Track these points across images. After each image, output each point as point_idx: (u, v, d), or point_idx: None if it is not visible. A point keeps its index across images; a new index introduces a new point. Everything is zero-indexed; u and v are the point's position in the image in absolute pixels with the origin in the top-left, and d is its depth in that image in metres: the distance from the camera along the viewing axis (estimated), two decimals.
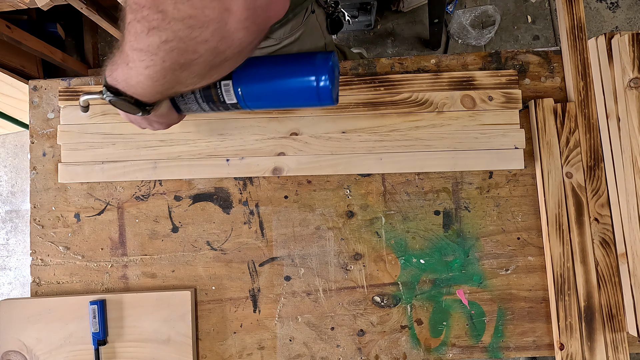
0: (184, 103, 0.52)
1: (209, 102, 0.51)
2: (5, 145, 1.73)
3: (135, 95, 0.42)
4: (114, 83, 0.42)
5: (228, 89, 0.49)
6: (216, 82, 0.49)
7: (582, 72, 0.66)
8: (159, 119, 0.50)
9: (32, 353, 0.66)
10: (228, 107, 0.52)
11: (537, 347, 0.66)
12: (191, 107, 0.52)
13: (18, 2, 1.09)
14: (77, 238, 0.70)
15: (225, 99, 0.50)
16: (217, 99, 0.50)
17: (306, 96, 0.49)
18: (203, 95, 0.50)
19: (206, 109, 0.52)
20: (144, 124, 0.52)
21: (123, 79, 0.41)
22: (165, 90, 0.41)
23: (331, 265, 0.68)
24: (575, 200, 0.64)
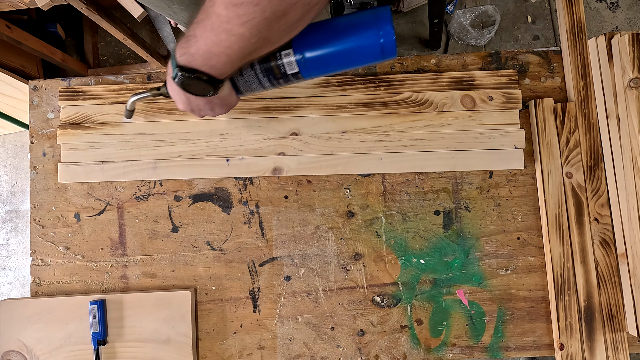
0: (243, 82, 0.51)
1: (269, 76, 0.50)
2: (5, 145, 1.73)
3: (213, 69, 0.43)
4: (189, 60, 0.42)
5: (289, 58, 0.49)
6: (276, 54, 0.49)
7: (582, 72, 0.66)
8: (221, 101, 0.51)
9: (32, 353, 0.66)
10: (288, 78, 0.51)
11: (537, 347, 0.66)
12: (251, 85, 0.52)
13: (18, 2, 1.09)
14: (77, 238, 0.70)
15: (286, 69, 0.50)
16: (277, 71, 0.50)
17: (371, 53, 0.49)
18: (264, 69, 0.50)
19: (266, 84, 0.52)
20: (205, 110, 0.52)
21: (204, 50, 0.41)
22: (249, 54, 0.41)
23: (331, 265, 0.68)
24: (575, 200, 0.64)
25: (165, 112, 0.69)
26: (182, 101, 0.50)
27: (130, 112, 0.59)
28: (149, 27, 1.69)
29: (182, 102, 0.51)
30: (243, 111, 0.69)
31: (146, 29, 1.70)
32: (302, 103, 0.68)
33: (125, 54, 1.71)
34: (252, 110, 0.69)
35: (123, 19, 1.38)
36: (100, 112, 0.70)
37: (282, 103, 0.69)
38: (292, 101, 0.68)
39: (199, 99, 0.49)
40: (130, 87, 0.70)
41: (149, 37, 1.70)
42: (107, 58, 1.72)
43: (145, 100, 0.70)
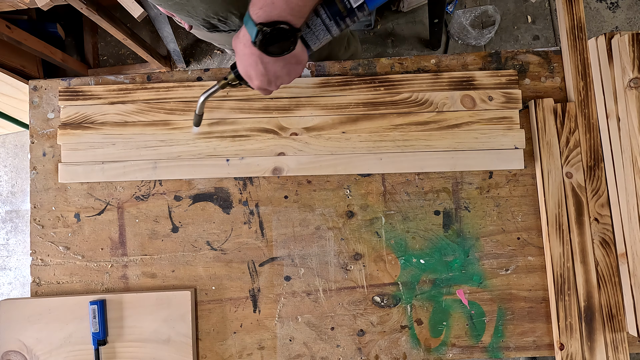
0: (311, 34, 0.52)
1: (335, 17, 0.51)
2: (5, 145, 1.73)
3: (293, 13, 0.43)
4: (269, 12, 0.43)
5: None
6: None
7: (582, 72, 0.66)
8: (297, 59, 0.51)
9: (32, 353, 0.66)
10: (354, 14, 0.52)
11: (537, 347, 0.66)
12: (319, 36, 0.53)
13: (18, 2, 1.09)
14: (77, 238, 0.70)
15: (351, 3, 0.51)
16: (343, 8, 0.51)
17: None
18: (330, 12, 0.51)
19: (333, 29, 0.53)
20: (283, 74, 0.52)
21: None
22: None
23: (331, 265, 0.68)
24: (575, 200, 0.64)
25: (165, 112, 0.69)
26: (259, 73, 0.50)
27: (199, 117, 0.60)
28: (149, 27, 1.69)
29: (259, 75, 0.50)
30: (243, 111, 0.69)
31: (146, 29, 1.70)
32: (302, 103, 0.68)
33: (125, 54, 1.71)
34: (252, 110, 0.69)
35: (123, 19, 1.38)
36: (100, 112, 0.70)
37: (282, 103, 0.69)
38: (292, 101, 0.68)
39: (277, 62, 0.49)
40: (131, 87, 0.70)
41: (149, 37, 1.70)
42: (107, 58, 1.72)
43: (146, 101, 0.70)
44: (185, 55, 1.68)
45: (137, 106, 0.69)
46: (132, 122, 0.69)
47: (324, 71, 0.71)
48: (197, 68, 1.30)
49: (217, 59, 1.69)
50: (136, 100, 0.70)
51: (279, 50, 0.47)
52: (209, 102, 0.69)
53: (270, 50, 0.47)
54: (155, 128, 0.69)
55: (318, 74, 0.71)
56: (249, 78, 0.52)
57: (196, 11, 0.58)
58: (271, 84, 0.53)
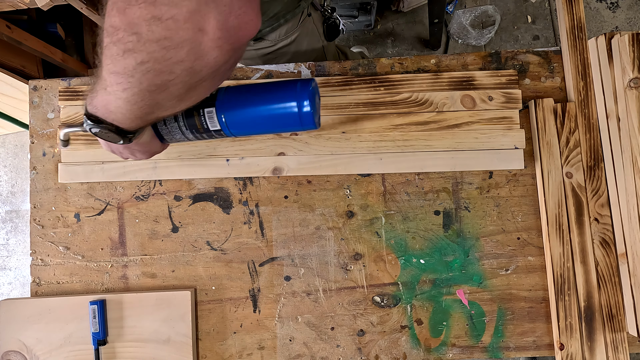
0: (167, 132, 0.52)
1: (192, 130, 0.51)
2: (5, 145, 1.73)
3: (116, 122, 0.42)
4: (94, 111, 0.42)
5: (212, 116, 0.50)
6: (200, 110, 0.50)
7: (582, 72, 0.66)
8: (141, 148, 0.50)
9: (32, 353, 0.66)
10: (212, 134, 0.52)
11: (537, 347, 0.66)
12: (175, 136, 0.53)
13: (18, 2, 1.09)
14: (77, 238, 0.70)
15: (209, 126, 0.51)
16: (200, 126, 0.51)
17: (289, 122, 0.50)
18: (187, 123, 0.51)
19: (190, 137, 0.53)
20: (125, 154, 0.51)
21: (102, 105, 0.40)
22: (145, 114, 0.40)
23: (331, 265, 0.68)
24: (575, 200, 0.64)
25: None
26: (103, 143, 0.49)
27: (65, 142, 0.57)
28: None
29: (103, 144, 0.49)
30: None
31: None
32: None
33: None
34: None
35: None
36: None
37: None
38: None
39: (115, 145, 0.47)
40: None
41: None
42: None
43: None
44: None
45: None
46: None
47: (324, 71, 0.71)
48: None
49: None
50: None
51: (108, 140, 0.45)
52: None
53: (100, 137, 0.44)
54: None
55: (318, 74, 0.71)
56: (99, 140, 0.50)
57: None
58: (118, 154, 0.52)
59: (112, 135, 0.43)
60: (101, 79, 0.38)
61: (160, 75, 0.34)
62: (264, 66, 0.71)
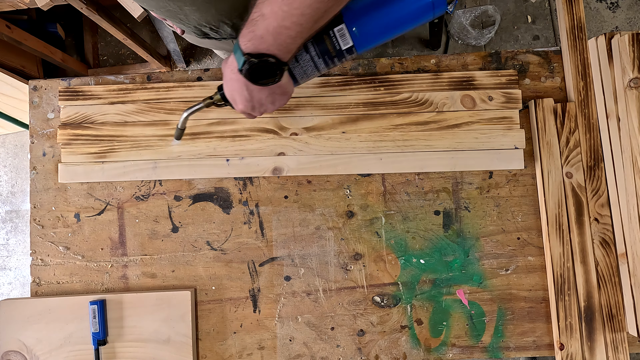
0: (300, 68, 0.53)
1: (324, 56, 0.52)
2: (5, 145, 1.73)
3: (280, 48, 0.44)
4: (257, 44, 0.44)
5: (342, 32, 0.50)
6: (329, 32, 0.50)
7: (582, 72, 0.66)
8: (282, 90, 0.51)
9: (32, 353, 0.66)
10: (343, 55, 0.52)
11: (537, 347, 0.66)
12: (307, 71, 0.53)
13: (18, 2, 1.09)
14: (77, 238, 0.70)
15: (341, 45, 0.51)
16: (332, 48, 0.51)
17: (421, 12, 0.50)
18: (318, 50, 0.51)
19: (321, 66, 0.53)
20: (267, 102, 0.52)
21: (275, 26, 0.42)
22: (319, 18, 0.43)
23: (331, 265, 0.68)
24: (575, 200, 0.64)
25: (165, 112, 0.69)
26: (244, 98, 0.51)
27: (181, 131, 0.59)
28: (149, 27, 1.69)
29: (243, 100, 0.51)
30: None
31: (146, 29, 1.70)
32: (302, 103, 0.68)
33: (125, 54, 1.71)
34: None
35: (123, 19, 1.38)
36: (100, 112, 0.70)
37: None
38: (292, 101, 0.68)
39: (262, 90, 0.49)
40: (131, 87, 0.70)
41: (149, 37, 1.70)
42: (107, 58, 1.72)
43: (146, 101, 0.70)
44: (185, 55, 1.68)
45: (137, 106, 0.69)
46: (132, 122, 0.69)
47: None
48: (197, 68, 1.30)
49: (217, 59, 1.69)
50: (136, 100, 0.70)
51: (264, 80, 0.48)
52: None
53: (255, 79, 0.47)
54: (155, 128, 0.69)
55: None
56: (234, 101, 0.52)
57: (188, 19, 0.59)
58: (255, 110, 0.53)
59: (270, 70, 0.46)
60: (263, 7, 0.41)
61: None
62: None
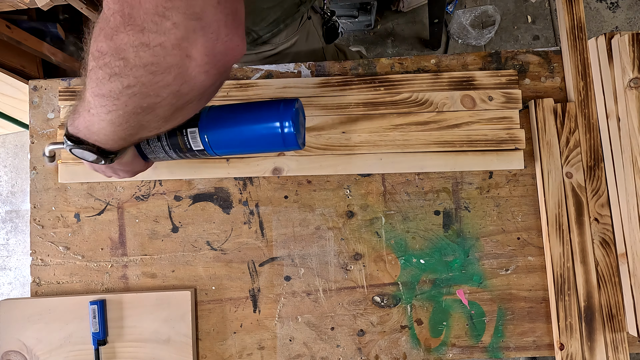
0: (150, 151, 0.52)
1: (175, 149, 0.51)
2: (5, 145, 1.73)
3: (98, 142, 0.42)
4: (76, 132, 0.42)
5: (194, 136, 0.50)
6: (183, 130, 0.50)
7: (582, 72, 0.66)
8: (124, 167, 0.50)
9: (32, 353, 0.66)
10: (195, 153, 0.52)
11: (537, 347, 0.66)
12: (158, 155, 0.53)
13: (18, 2, 1.09)
14: (77, 238, 0.70)
15: (192, 146, 0.51)
16: (183, 146, 0.51)
17: (272, 142, 0.50)
18: (170, 143, 0.51)
19: (173, 156, 0.53)
20: (108, 173, 0.52)
21: (85, 127, 0.40)
22: (129, 136, 0.40)
23: (331, 265, 0.68)
24: (575, 200, 0.64)
25: None
26: (85, 163, 0.48)
27: (51, 158, 0.57)
28: None
29: (86, 164, 0.49)
30: None
31: None
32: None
33: None
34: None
35: None
36: None
37: None
38: None
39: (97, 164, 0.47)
40: None
41: None
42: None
43: None
44: None
45: None
46: None
47: (324, 71, 0.71)
48: None
49: None
50: None
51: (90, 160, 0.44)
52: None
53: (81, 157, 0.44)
54: None
55: (318, 74, 0.71)
56: None
57: None
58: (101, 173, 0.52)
59: (93, 155, 0.43)
60: (84, 101, 0.38)
61: (147, 98, 0.34)
62: (264, 66, 0.71)
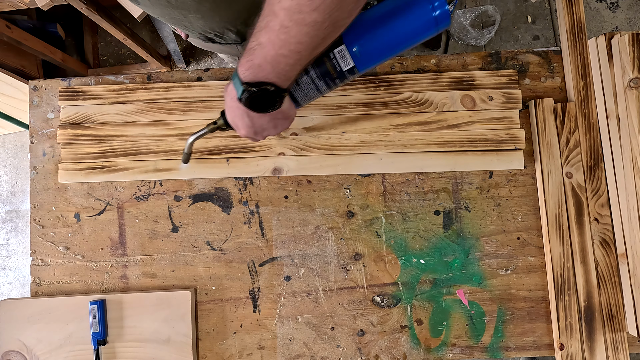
0: (301, 92, 0.52)
1: (325, 77, 0.51)
2: (5, 145, 1.73)
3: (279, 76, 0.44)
4: (255, 72, 0.44)
5: (343, 54, 0.49)
6: (329, 54, 0.49)
7: (582, 72, 0.66)
8: (283, 115, 0.51)
9: (32, 353, 0.66)
10: (344, 75, 0.51)
11: (537, 347, 0.66)
12: (308, 93, 0.53)
13: (18, 2, 1.09)
14: (77, 238, 0.70)
15: (341, 66, 0.50)
16: (333, 70, 0.50)
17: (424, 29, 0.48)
18: (319, 72, 0.50)
19: (322, 88, 0.53)
20: (269, 128, 0.53)
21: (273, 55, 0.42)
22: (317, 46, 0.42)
23: (331, 265, 0.68)
24: (575, 200, 0.64)
25: (165, 112, 0.69)
26: (245, 125, 0.51)
27: (188, 156, 0.59)
28: (149, 27, 1.69)
29: (245, 127, 0.51)
30: None
31: (146, 29, 1.70)
32: None
33: (125, 54, 1.71)
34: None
35: (123, 19, 1.38)
36: (100, 112, 0.70)
37: None
38: None
39: (263, 117, 0.49)
40: (131, 87, 0.70)
41: (149, 37, 1.70)
42: (107, 58, 1.72)
43: (146, 101, 0.70)
44: (185, 55, 1.68)
45: (137, 106, 0.69)
46: (132, 122, 0.69)
47: None
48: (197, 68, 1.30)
49: (217, 59, 1.69)
50: (136, 100, 0.70)
51: (264, 108, 0.48)
52: (210, 102, 0.69)
53: (255, 108, 0.47)
54: (155, 128, 0.69)
55: None
56: (237, 127, 0.52)
57: (193, 26, 0.59)
58: (258, 135, 0.54)
59: (269, 98, 0.46)
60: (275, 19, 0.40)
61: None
62: None
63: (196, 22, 0.57)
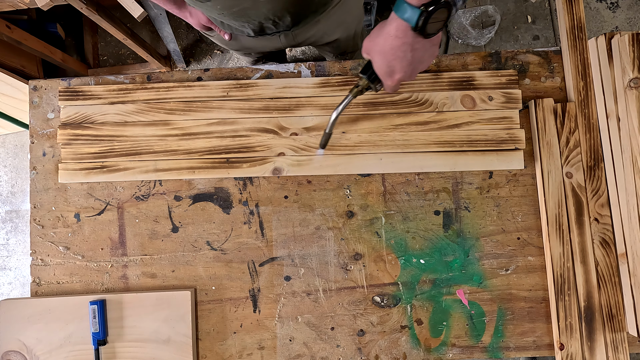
0: None
1: None
2: (5, 145, 1.72)
3: None
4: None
5: None
6: None
7: (582, 72, 0.66)
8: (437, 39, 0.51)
9: (32, 353, 0.66)
10: None
11: (537, 347, 0.65)
12: None
13: (18, 2, 1.09)
14: (77, 238, 0.70)
15: None
16: None
17: None
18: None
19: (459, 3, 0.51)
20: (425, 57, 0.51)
21: None
22: None
23: (331, 265, 0.68)
24: (575, 200, 0.64)
25: (165, 112, 0.69)
26: (406, 62, 0.49)
27: (328, 137, 0.57)
28: (149, 27, 1.68)
29: (405, 65, 0.50)
30: (243, 111, 0.69)
31: (146, 29, 1.70)
32: (302, 103, 0.68)
33: (125, 54, 1.71)
34: (252, 110, 0.69)
35: (123, 19, 1.38)
36: (100, 112, 0.70)
37: (282, 103, 0.69)
38: (292, 101, 0.68)
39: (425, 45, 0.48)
40: (131, 87, 0.70)
41: (149, 37, 1.70)
42: (107, 58, 1.72)
43: (146, 101, 0.70)
44: (185, 55, 1.68)
45: (137, 106, 0.69)
46: (132, 122, 0.69)
47: (324, 71, 0.71)
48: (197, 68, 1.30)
49: (217, 59, 1.69)
50: (136, 100, 0.70)
51: (437, 27, 0.47)
52: (210, 102, 0.69)
53: (429, 30, 0.46)
54: (155, 128, 0.69)
55: (318, 74, 0.71)
56: (392, 72, 0.51)
57: (257, 13, 0.59)
58: (413, 73, 0.52)
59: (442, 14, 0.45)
60: None
61: None
62: (264, 66, 0.71)
63: (264, 7, 0.58)
